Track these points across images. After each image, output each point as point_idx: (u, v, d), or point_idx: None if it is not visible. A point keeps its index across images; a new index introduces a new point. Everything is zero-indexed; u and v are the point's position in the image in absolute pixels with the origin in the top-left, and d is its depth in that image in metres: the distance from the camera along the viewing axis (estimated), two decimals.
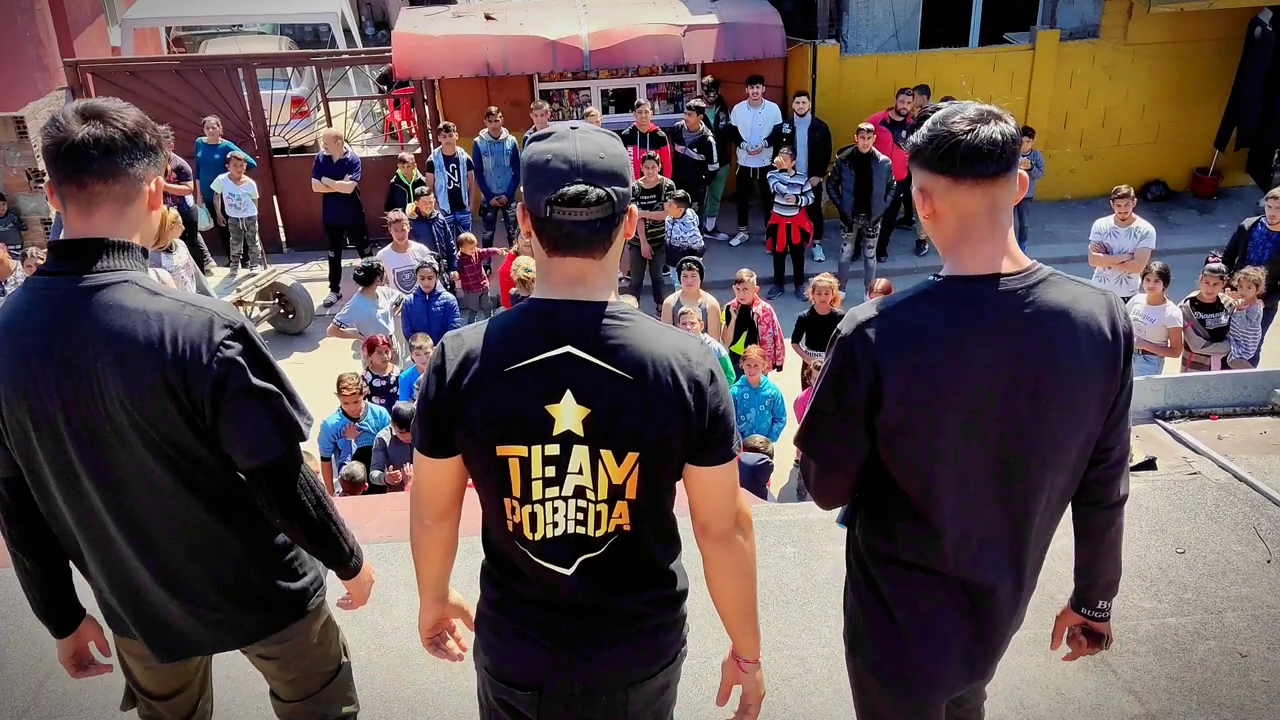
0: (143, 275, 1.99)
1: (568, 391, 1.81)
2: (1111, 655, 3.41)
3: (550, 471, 1.84)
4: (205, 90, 11.50)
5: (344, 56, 13.06)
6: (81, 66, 11.38)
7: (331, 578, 2.40)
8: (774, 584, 3.83)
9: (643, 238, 9.82)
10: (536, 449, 1.83)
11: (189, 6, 14.75)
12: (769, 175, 10.50)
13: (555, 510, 1.87)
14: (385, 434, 6.52)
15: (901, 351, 1.87)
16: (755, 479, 6.32)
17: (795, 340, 7.83)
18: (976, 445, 1.91)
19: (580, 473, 1.85)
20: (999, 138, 1.86)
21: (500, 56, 11.11)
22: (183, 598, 2.15)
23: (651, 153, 10.05)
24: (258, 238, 10.99)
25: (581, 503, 1.87)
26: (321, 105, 12.56)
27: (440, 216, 9.76)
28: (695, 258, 7.91)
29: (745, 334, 7.62)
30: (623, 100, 12.34)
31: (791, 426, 7.29)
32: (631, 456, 1.83)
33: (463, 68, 11.26)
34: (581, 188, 1.77)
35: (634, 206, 1.89)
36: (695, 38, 11.41)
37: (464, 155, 10.53)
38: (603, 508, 1.87)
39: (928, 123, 1.94)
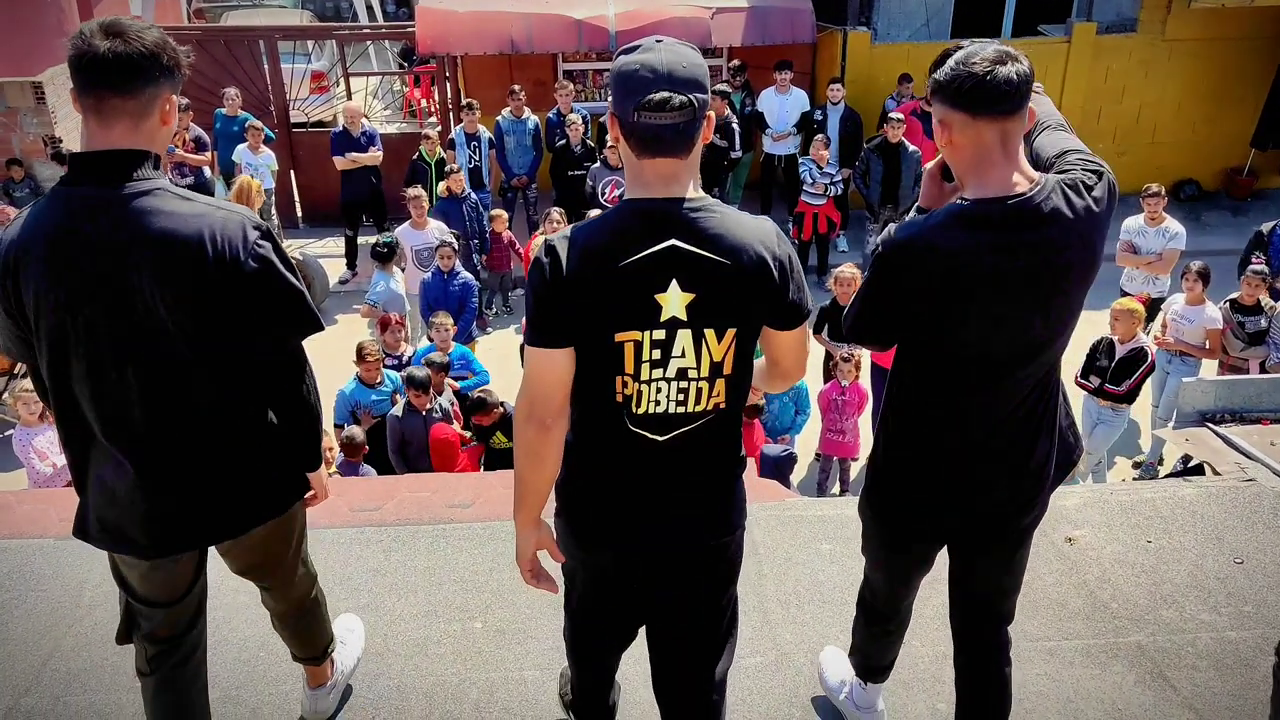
0: (169, 183, 2.15)
1: (673, 281, 2.01)
2: (1170, 670, 3.24)
3: (657, 355, 2.05)
4: (226, 62, 11.32)
5: (366, 31, 12.87)
6: None
7: None
8: (809, 581, 3.67)
9: None
10: (647, 334, 2.03)
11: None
12: (801, 163, 10.27)
13: (659, 390, 2.08)
14: (398, 408, 6.36)
15: (931, 268, 2.13)
16: (779, 471, 6.15)
17: (818, 331, 7.65)
18: (1002, 343, 2.19)
19: (683, 355, 2.06)
20: (1015, 78, 2.07)
21: (525, 34, 10.91)
22: (201, 484, 2.28)
23: None
24: (274, 211, 10.83)
25: (683, 383, 2.08)
26: (342, 80, 12.37)
27: (473, 195, 9.55)
28: None
29: None
30: None
31: (815, 419, 7.11)
32: (731, 333, 2.07)
33: (486, 44, 11.06)
34: (666, 94, 1.95)
35: (711, 113, 2.06)
36: (723, 21, 11.19)
37: (485, 134, 10.35)
38: (704, 384, 2.09)
39: (950, 61, 2.13)
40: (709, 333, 2.05)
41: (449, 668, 3.28)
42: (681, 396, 2.09)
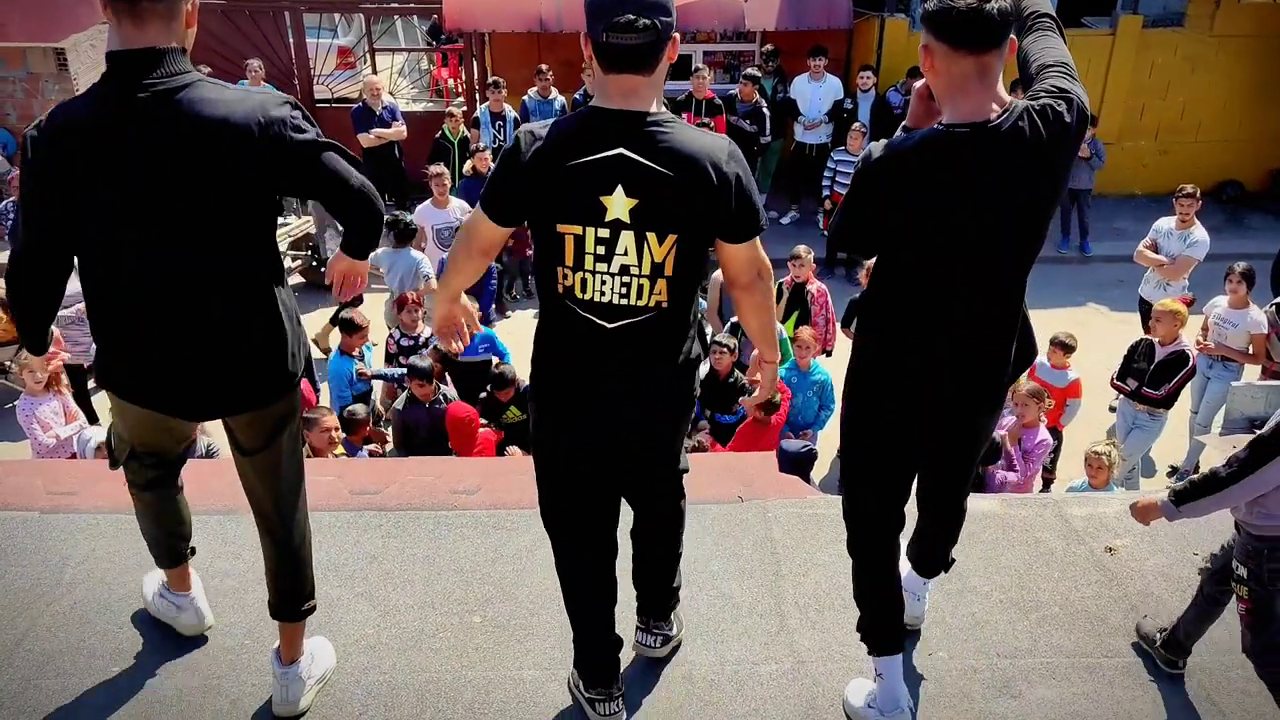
0: (204, 75, 2.34)
1: (619, 186, 2.24)
2: (1219, 694, 3.00)
3: (601, 250, 2.29)
4: (250, 33, 11.18)
5: (393, 5, 12.68)
6: None
7: None
8: (829, 585, 3.45)
9: None
10: (590, 230, 2.27)
11: None
12: (827, 167, 9.97)
13: (603, 282, 2.32)
14: (400, 400, 6.19)
15: (902, 185, 2.30)
16: (799, 467, 5.93)
17: (846, 324, 7.41)
18: (965, 250, 2.34)
19: (626, 254, 2.29)
20: (996, 15, 2.18)
21: (554, 12, 10.69)
22: (226, 353, 2.46)
23: (706, 120, 9.61)
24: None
25: (626, 279, 2.32)
26: (368, 56, 12.21)
27: None
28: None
29: (797, 314, 7.20)
30: (678, 67, 11.87)
31: (839, 415, 6.89)
32: (671, 238, 2.29)
33: (514, 22, 10.86)
34: (631, 17, 2.19)
35: (677, 35, 2.31)
36: (758, 4, 10.92)
37: (511, 113, 10.15)
38: (645, 282, 2.32)
39: None
40: (650, 236, 2.28)
41: (444, 664, 3.08)
42: (624, 290, 2.33)
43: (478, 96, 11.41)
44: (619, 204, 2.24)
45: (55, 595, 3.30)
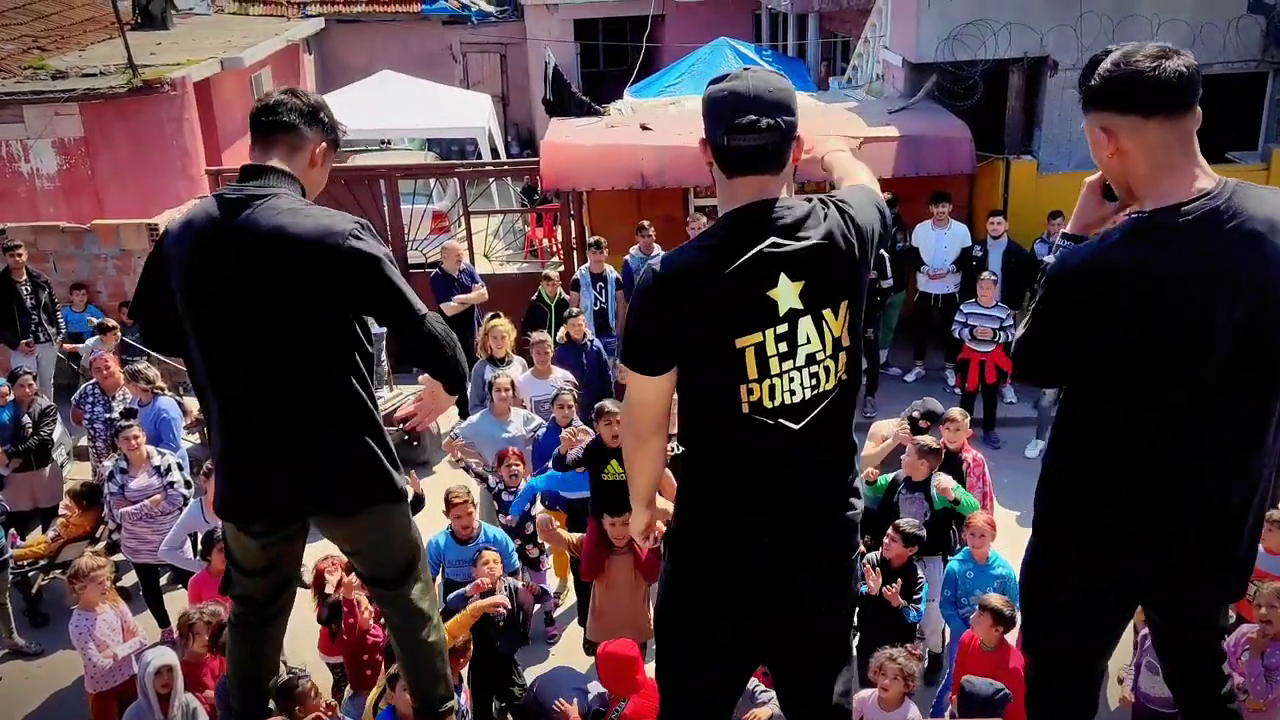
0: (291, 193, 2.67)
1: (781, 274, 2.19)
2: None
3: (783, 348, 2.23)
4: (345, 201, 10.92)
5: (488, 168, 12.47)
6: (224, 175, 11.08)
7: None
8: None
9: None
10: (770, 331, 2.21)
11: (339, 120, 14.51)
12: (957, 319, 9.05)
13: (791, 380, 2.24)
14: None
15: (1103, 290, 2.07)
16: (993, 707, 4.76)
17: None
18: (1209, 364, 2.02)
19: (808, 342, 2.24)
20: (1185, 70, 2.00)
21: (656, 167, 10.17)
22: (309, 459, 2.60)
23: None
24: (384, 355, 10.14)
25: (814, 367, 2.27)
26: (463, 220, 11.90)
27: (593, 344, 8.55)
28: None
29: None
30: None
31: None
32: (844, 305, 2.26)
33: (614, 179, 10.39)
34: (753, 117, 2.16)
35: (801, 134, 2.25)
36: (873, 150, 10.22)
37: (613, 273, 9.55)
38: (830, 362, 2.28)
39: (1106, 63, 2.08)
40: (827, 312, 2.22)
41: None
42: (814, 380, 2.25)
43: (575, 256, 10.91)
44: (786, 293, 2.18)
45: None
